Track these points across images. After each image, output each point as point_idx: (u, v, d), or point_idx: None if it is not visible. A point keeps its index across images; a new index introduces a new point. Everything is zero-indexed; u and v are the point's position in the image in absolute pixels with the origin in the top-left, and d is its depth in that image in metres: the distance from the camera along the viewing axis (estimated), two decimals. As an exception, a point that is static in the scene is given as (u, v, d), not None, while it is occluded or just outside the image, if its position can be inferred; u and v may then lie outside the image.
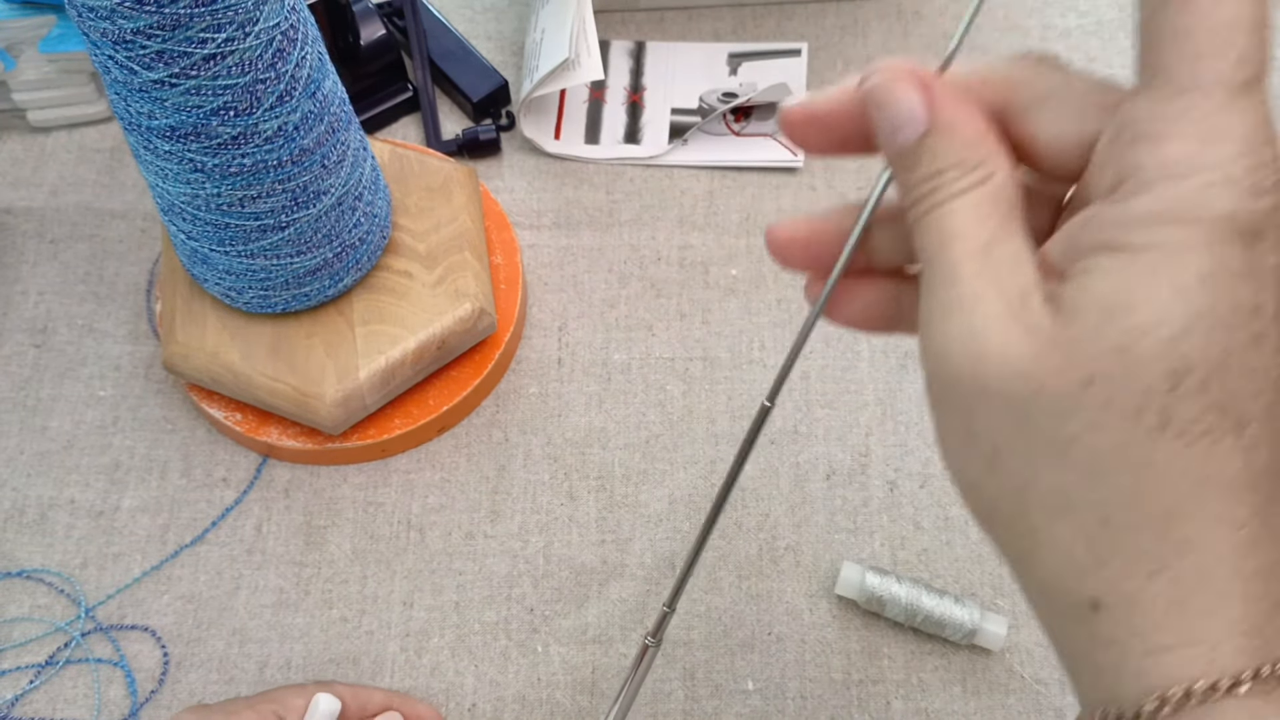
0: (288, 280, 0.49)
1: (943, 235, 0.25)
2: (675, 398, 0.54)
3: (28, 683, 0.48)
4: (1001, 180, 0.25)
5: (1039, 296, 0.24)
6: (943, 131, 0.25)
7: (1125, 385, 0.22)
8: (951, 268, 0.25)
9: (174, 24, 0.38)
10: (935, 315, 0.25)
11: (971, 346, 0.24)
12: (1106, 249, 0.23)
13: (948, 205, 0.25)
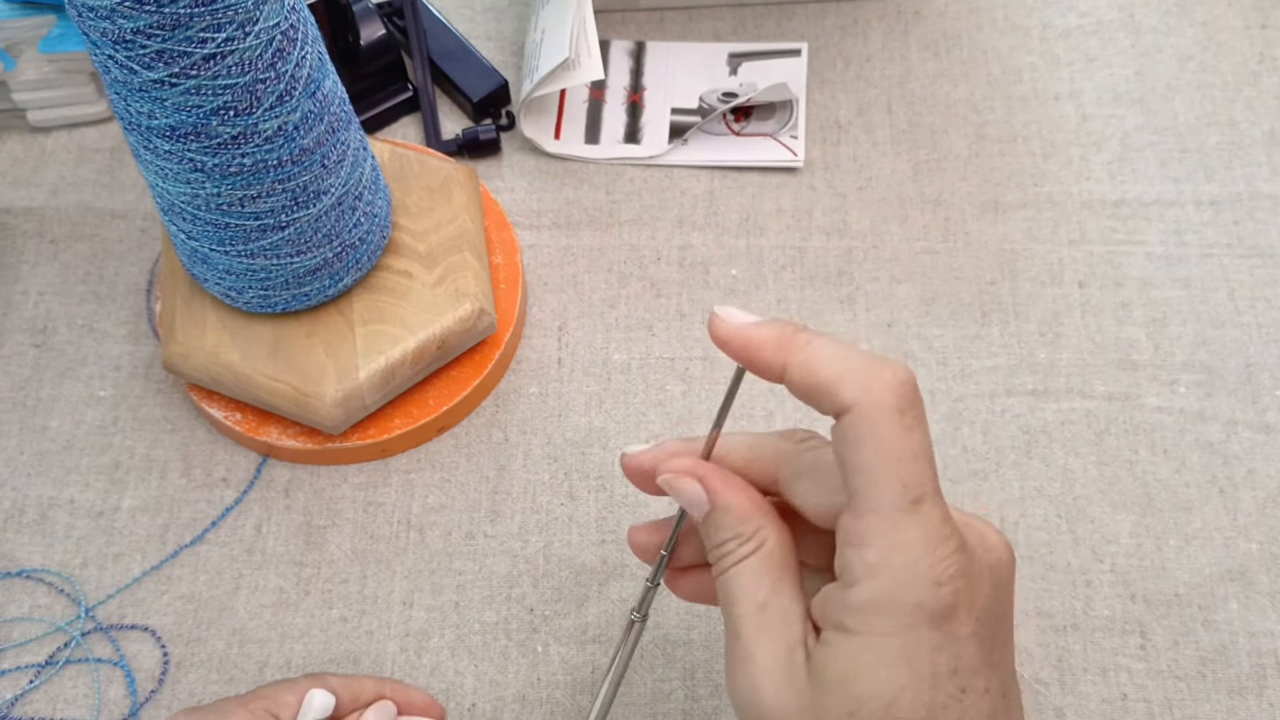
0: (288, 280, 0.49)
1: (729, 596, 0.32)
2: (675, 398, 0.54)
3: (27, 682, 0.48)
4: (772, 546, 0.32)
5: (802, 654, 0.31)
6: (720, 511, 0.33)
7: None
8: (735, 624, 0.32)
9: (174, 24, 0.38)
10: (729, 665, 0.32)
11: (753, 698, 0.31)
12: (836, 628, 0.30)
13: (731, 570, 0.32)
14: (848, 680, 0.29)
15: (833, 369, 0.30)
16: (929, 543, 0.29)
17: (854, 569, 0.30)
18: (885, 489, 0.29)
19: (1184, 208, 0.59)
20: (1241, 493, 0.51)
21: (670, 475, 0.34)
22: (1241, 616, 0.48)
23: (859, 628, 0.29)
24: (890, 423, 0.29)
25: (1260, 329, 0.55)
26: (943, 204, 0.59)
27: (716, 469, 0.34)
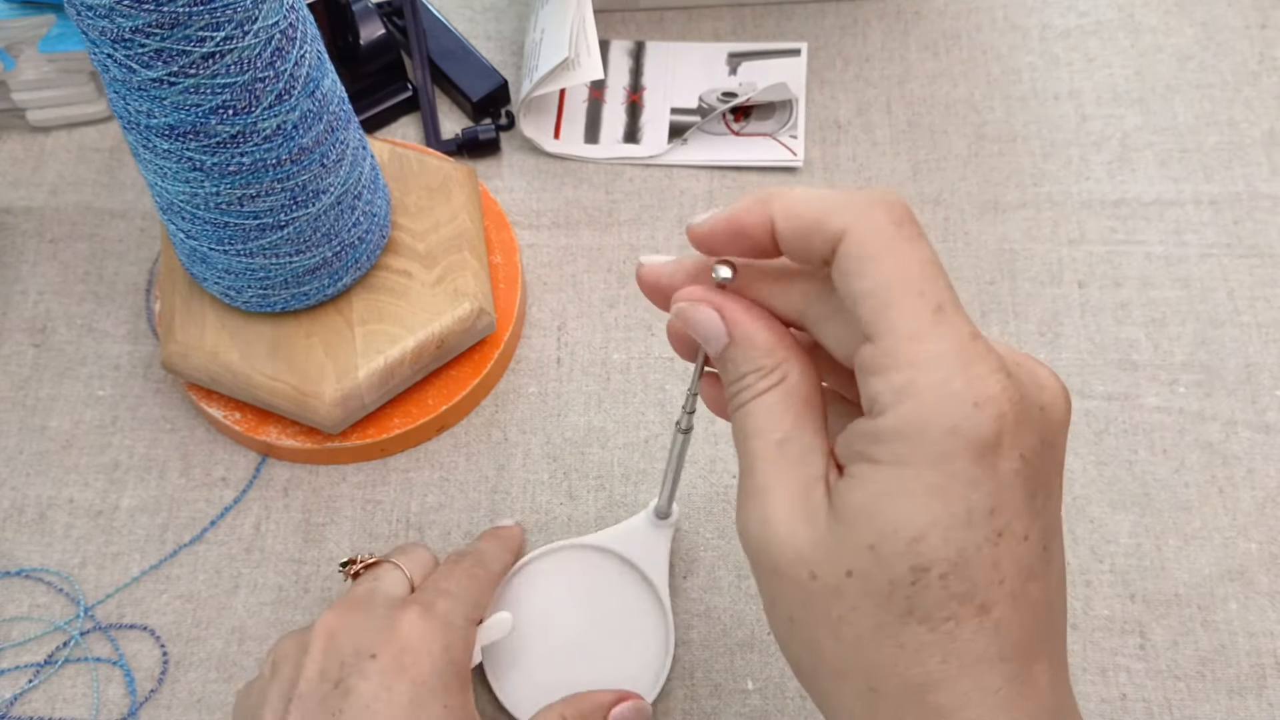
0: (287, 279, 0.49)
1: (745, 430, 0.30)
2: (674, 397, 0.54)
3: (26, 682, 0.48)
4: (795, 380, 0.29)
5: (822, 490, 0.28)
6: (740, 344, 0.30)
7: (875, 578, 0.26)
8: (751, 460, 0.29)
9: (172, 22, 0.38)
10: (741, 500, 0.30)
11: (764, 531, 0.28)
12: (863, 459, 0.27)
13: (750, 405, 0.30)
14: (871, 513, 0.26)
15: (820, 203, 0.28)
16: (960, 357, 0.26)
17: (881, 398, 0.26)
18: (900, 304, 0.26)
19: (1184, 208, 0.59)
20: (1241, 492, 0.51)
21: (685, 304, 0.31)
22: (1241, 616, 0.48)
23: (886, 457, 0.26)
24: (889, 237, 0.27)
25: (1260, 329, 0.55)
26: (942, 204, 0.59)
27: (737, 299, 0.30)
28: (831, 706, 0.29)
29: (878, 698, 0.27)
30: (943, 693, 0.26)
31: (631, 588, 0.48)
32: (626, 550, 0.48)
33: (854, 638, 0.27)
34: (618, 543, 0.49)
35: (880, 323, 0.26)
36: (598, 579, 0.48)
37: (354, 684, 0.38)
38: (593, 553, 0.49)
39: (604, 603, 0.48)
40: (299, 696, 0.38)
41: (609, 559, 0.49)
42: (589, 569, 0.49)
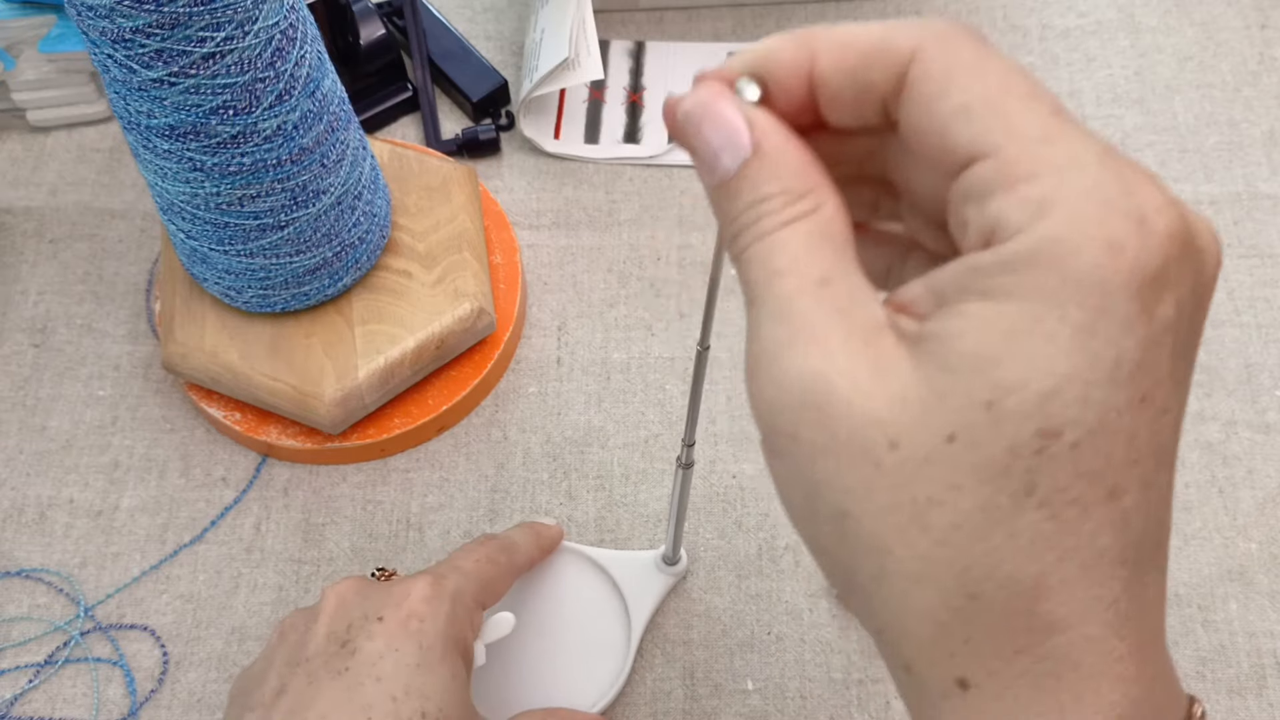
0: (287, 279, 0.49)
1: (770, 269, 0.23)
2: (675, 397, 0.54)
3: (26, 682, 0.48)
4: (832, 212, 0.23)
5: (892, 338, 0.22)
6: (766, 156, 0.23)
7: (989, 445, 0.20)
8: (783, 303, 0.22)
9: (173, 22, 0.38)
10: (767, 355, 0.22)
11: (814, 388, 0.21)
12: (977, 295, 0.21)
13: (775, 235, 0.23)
14: (990, 362, 0.20)
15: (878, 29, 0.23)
16: (1109, 161, 0.20)
17: (1010, 217, 0.20)
18: (1017, 108, 0.21)
19: (1184, 208, 0.59)
20: (1241, 492, 0.51)
21: (699, 100, 0.23)
22: (1241, 616, 0.48)
23: (1017, 290, 0.20)
24: (974, 49, 0.22)
25: (1260, 329, 0.55)
26: (942, 204, 0.59)
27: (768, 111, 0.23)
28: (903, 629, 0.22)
29: (976, 607, 0.21)
30: (1056, 600, 0.21)
31: (608, 616, 0.48)
32: (621, 578, 0.48)
33: (948, 525, 0.21)
34: (615, 567, 0.48)
35: (995, 132, 0.21)
36: (582, 592, 0.48)
37: (360, 643, 0.38)
38: (588, 564, 0.49)
39: (576, 617, 0.48)
40: (306, 659, 0.38)
41: (600, 578, 0.48)
42: (577, 579, 0.48)
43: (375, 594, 0.40)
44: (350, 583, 0.41)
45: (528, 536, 0.47)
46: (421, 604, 0.39)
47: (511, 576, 0.44)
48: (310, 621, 0.40)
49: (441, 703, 0.37)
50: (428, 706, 0.37)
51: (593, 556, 0.49)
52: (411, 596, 0.39)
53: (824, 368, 0.21)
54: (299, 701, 0.36)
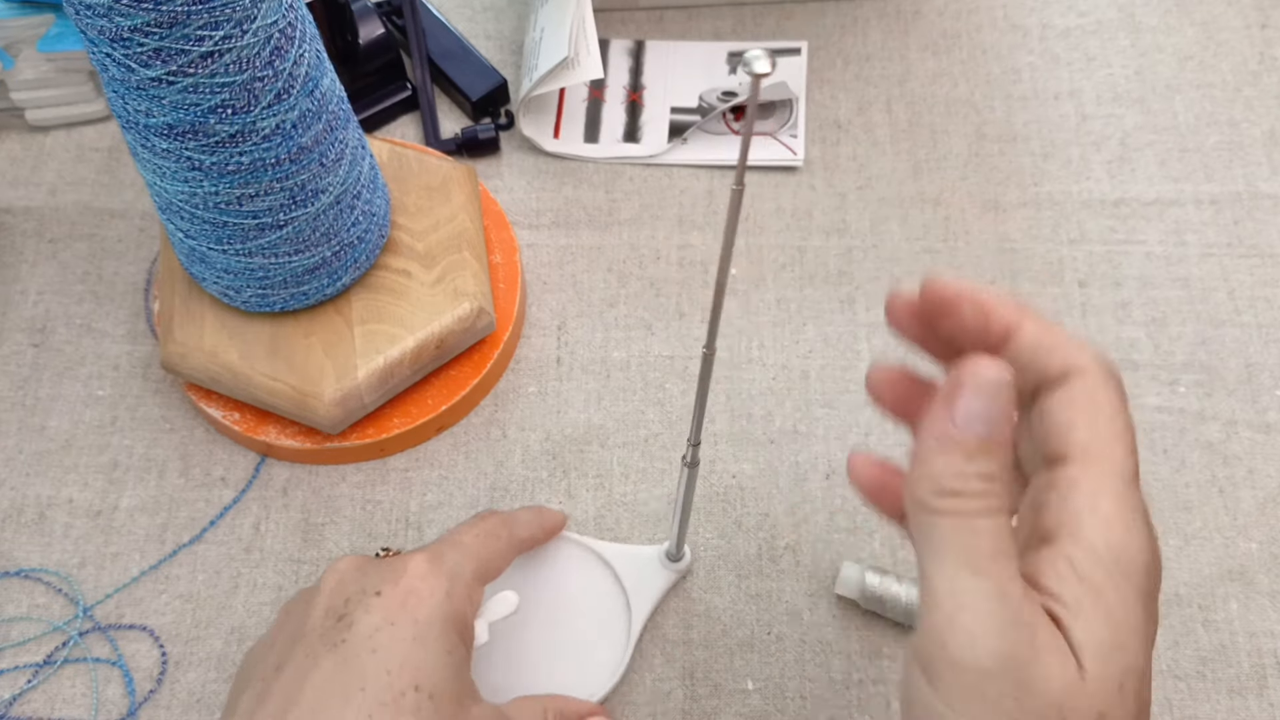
0: (286, 279, 0.49)
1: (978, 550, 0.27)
2: (674, 396, 0.54)
3: (25, 682, 0.48)
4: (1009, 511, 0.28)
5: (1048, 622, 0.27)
6: (1003, 443, 0.28)
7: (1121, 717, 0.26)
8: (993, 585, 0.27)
9: (171, 21, 0.38)
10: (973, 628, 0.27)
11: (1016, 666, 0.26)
12: (1084, 588, 0.27)
13: (983, 521, 0.28)
14: (1119, 650, 0.27)
15: (1065, 333, 0.30)
16: (1142, 517, 0.29)
17: (1087, 528, 0.28)
18: (1115, 451, 0.29)
19: (1184, 207, 0.59)
20: (1241, 492, 0.51)
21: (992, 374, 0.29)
22: (1241, 616, 0.48)
23: (1109, 589, 0.27)
24: (1116, 393, 0.30)
25: (1260, 329, 0.55)
26: (942, 203, 0.59)
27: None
28: None
29: None
30: None
31: (609, 609, 0.48)
32: (623, 571, 0.48)
33: None
34: (619, 560, 0.49)
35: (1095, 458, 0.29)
36: (584, 583, 0.48)
37: (357, 617, 0.38)
38: (591, 556, 0.49)
39: (577, 607, 0.48)
40: (304, 635, 0.39)
41: (602, 570, 0.49)
42: (580, 569, 0.49)
43: (374, 570, 0.40)
44: (350, 560, 0.41)
45: (530, 515, 0.47)
46: (419, 580, 0.39)
47: (512, 553, 0.44)
48: (311, 598, 0.40)
49: (436, 678, 0.37)
50: (421, 680, 0.37)
51: (596, 549, 0.49)
52: (409, 573, 0.40)
53: (1026, 655, 0.26)
54: (296, 674, 0.37)
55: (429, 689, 0.37)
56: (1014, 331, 0.31)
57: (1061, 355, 0.30)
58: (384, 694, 0.36)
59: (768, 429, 0.53)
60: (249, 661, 0.41)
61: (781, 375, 0.54)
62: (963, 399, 0.28)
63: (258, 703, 0.37)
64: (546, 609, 0.47)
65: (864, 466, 0.35)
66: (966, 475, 0.28)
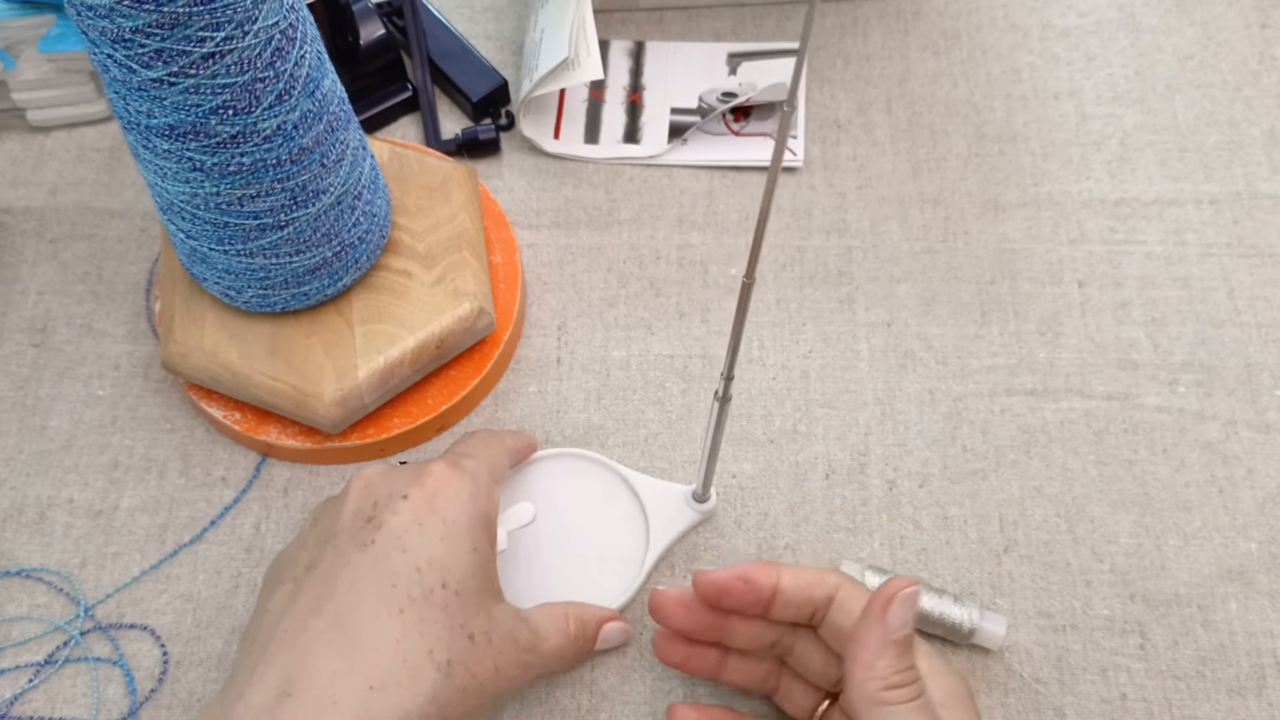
0: (287, 279, 0.49)
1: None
2: (674, 396, 0.54)
3: (26, 682, 0.48)
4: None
5: None
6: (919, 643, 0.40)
7: None
8: None
9: (172, 22, 0.38)
10: None
11: None
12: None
13: (918, 703, 0.37)
14: None
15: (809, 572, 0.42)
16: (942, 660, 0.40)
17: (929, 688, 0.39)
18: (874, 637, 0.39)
19: (1184, 207, 0.59)
20: (1241, 492, 0.51)
21: (897, 588, 0.38)
22: (1241, 616, 0.48)
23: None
24: (861, 588, 0.41)
25: (1260, 329, 0.55)
26: (942, 203, 0.59)
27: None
28: None
29: None
30: None
31: (630, 532, 0.49)
32: (648, 501, 0.50)
33: None
34: (646, 489, 0.50)
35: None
36: (608, 502, 0.50)
37: (386, 518, 0.40)
38: (620, 482, 0.51)
39: (600, 524, 0.50)
40: (334, 535, 0.41)
41: (629, 496, 0.50)
42: (606, 490, 0.50)
43: (399, 475, 0.43)
44: (376, 468, 0.44)
45: (509, 430, 0.50)
46: (444, 483, 0.42)
47: (509, 458, 0.48)
48: (339, 504, 0.42)
49: (462, 574, 0.40)
50: (449, 578, 0.39)
51: (625, 475, 0.51)
52: (434, 475, 0.42)
53: None
54: (329, 571, 0.39)
55: (455, 585, 0.39)
56: (778, 585, 0.41)
57: (819, 584, 0.41)
58: (414, 589, 0.39)
59: (767, 429, 0.53)
60: (278, 564, 0.43)
61: (781, 375, 0.54)
62: (894, 609, 0.37)
63: (290, 599, 0.39)
64: (571, 521, 0.50)
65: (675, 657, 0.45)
66: (902, 670, 0.37)
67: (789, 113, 0.30)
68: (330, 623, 0.38)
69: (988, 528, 0.50)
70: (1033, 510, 0.51)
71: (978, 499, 0.51)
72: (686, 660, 0.44)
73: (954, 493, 0.51)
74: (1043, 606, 0.49)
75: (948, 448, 0.52)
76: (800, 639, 0.43)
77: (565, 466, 0.51)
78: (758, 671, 0.45)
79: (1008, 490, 0.51)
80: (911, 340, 0.55)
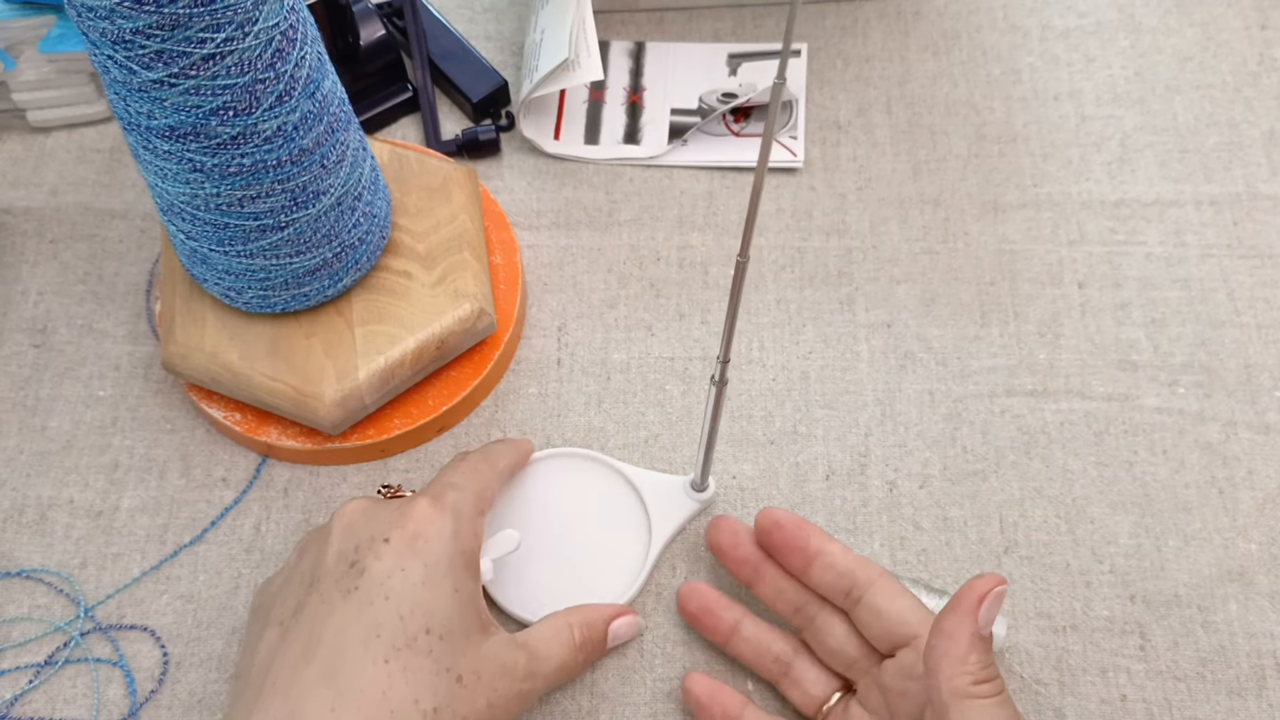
0: (287, 280, 0.49)
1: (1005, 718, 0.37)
2: (675, 397, 0.54)
3: (26, 682, 0.48)
4: None
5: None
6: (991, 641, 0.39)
7: None
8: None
9: (173, 24, 0.38)
10: None
11: None
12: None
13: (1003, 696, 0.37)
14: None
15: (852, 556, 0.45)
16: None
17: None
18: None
19: (1183, 208, 0.59)
20: (1241, 493, 0.51)
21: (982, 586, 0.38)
22: (1241, 617, 0.48)
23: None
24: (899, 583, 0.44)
25: (1260, 329, 0.55)
26: (942, 204, 0.59)
27: None
28: None
29: None
30: None
31: (631, 528, 0.50)
32: (648, 495, 0.50)
33: None
34: (644, 483, 0.50)
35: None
36: (607, 500, 0.50)
37: (369, 564, 0.41)
38: (618, 477, 0.51)
39: (600, 523, 0.50)
40: (318, 580, 0.41)
41: (627, 491, 0.50)
42: (604, 488, 0.51)
43: (381, 514, 0.43)
44: (357, 504, 0.43)
45: (503, 445, 0.50)
46: (425, 523, 0.42)
47: (498, 482, 0.47)
48: (322, 542, 0.43)
49: (446, 617, 0.40)
50: (432, 623, 0.40)
51: (622, 470, 0.51)
52: (415, 517, 0.42)
53: None
54: (315, 618, 0.40)
55: (439, 629, 0.40)
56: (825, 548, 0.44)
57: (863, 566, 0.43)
58: (398, 638, 0.39)
59: (768, 430, 0.53)
60: (264, 599, 0.43)
61: (781, 376, 0.54)
62: (986, 606, 0.38)
63: (280, 642, 0.40)
64: (571, 522, 0.50)
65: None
66: (988, 665, 0.37)
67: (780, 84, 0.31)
68: (319, 673, 0.38)
69: (988, 529, 0.50)
70: (1033, 511, 0.51)
71: (978, 500, 0.51)
72: (704, 613, 0.46)
73: (954, 494, 0.51)
74: (1043, 607, 0.49)
75: (948, 449, 0.52)
76: (824, 612, 0.44)
77: (562, 466, 0.51)
78: (769, 650, 0.45)
79: (1008, 491, 0.51)
80: (911, 341, 0.55)
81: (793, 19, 0.29)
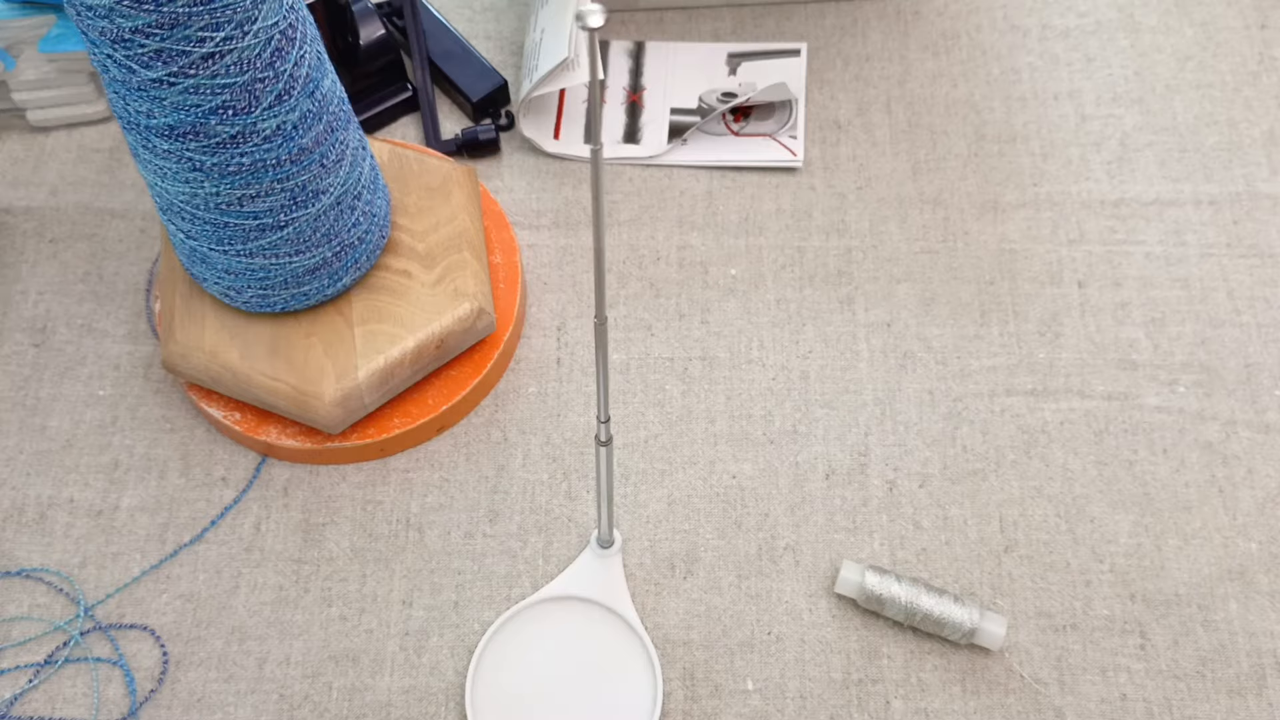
0: (286, 279, 0.49)
1: None
2: (674, 397, 0.54)
3: (27, 681, 0.48)
4: None
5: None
6: None
7: None
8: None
9: (172, 23, 0.38)
10: None
11: None
12: None
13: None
14: None
15: None
16: None
17: None
18: None
19: (1183, 208, 0.59)
20: (1241, 493, 0.51)
21: None
22: (1241, 616, 0.48)
23: None
24: None
25: (1259, 329, 0.55)
26: (942, 204, 0.59)
27: None
28: None
29: None
30: None
31: (601, 625, 0.48)
32: (584, 590, 0.48)
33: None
34: (573, 586, 0.49)
35: None
36: (568, 628, 0.48)
37: None
38: (553, 605, 0.49)
39: (582, 649, 0.48)
40: None
41: (571, 605, 0.48)
42: (557, 620, 0.48)
43: None
44: None
45: None
46: None
47: None
48: None
49: None
50: None
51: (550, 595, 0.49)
52: None
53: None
54: None
55: None
56: None
57: None
58: None
59: (767, 429, 0.53)
60: None
61: (781, 376, 0.54)
62: None
63: None
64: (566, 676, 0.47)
65: None
66: None
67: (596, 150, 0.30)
68: None
69: (988, 528, 0.50)
70: (1033, 510, 0.51)
71: (978, 499, 0.51)
72: None
73: (954, 493, 0.51)
74: (1043, 606, 0.49)
75: (948, 448, 0.52)
76: None
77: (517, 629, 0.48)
78: None
79: (1008, 490, 0.51)
80: (911, 341, 0.55)
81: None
